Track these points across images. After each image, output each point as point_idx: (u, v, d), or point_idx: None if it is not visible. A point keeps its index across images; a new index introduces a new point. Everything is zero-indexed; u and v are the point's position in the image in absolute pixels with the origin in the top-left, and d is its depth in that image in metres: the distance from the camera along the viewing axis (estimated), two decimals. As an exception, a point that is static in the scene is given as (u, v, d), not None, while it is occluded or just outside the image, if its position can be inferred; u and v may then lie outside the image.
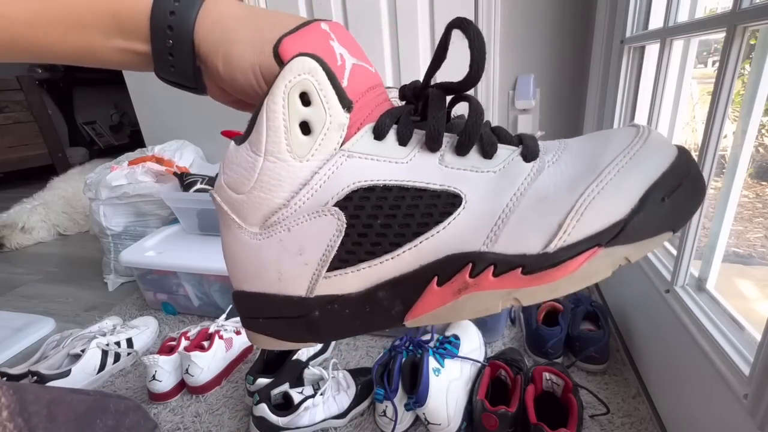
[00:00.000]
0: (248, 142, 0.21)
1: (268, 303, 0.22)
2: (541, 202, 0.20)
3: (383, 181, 0.20)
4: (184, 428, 0.76)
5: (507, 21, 1.14)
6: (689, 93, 0.76)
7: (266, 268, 0.22)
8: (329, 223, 0.21)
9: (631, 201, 0.19)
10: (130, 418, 0.45)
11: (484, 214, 0.20)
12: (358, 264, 0.21)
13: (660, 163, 0.20)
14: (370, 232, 0.21)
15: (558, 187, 0.20)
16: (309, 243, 0.21)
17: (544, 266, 0.20)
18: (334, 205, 0.20)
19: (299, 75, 0.19)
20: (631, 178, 0.20)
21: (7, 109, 2.48)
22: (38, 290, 1.37)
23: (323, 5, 1.23)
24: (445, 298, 0.21)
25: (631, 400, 0.73)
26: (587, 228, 0.20)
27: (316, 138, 0.20)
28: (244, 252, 0.22)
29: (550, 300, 0.90)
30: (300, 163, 0.20)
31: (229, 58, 0.24)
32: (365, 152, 0.21)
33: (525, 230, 0.20)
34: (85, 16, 0.24)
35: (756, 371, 0.44)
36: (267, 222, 0.21)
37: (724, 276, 0.61)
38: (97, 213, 1.25)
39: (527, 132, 1.14)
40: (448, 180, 0.21)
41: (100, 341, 0.90)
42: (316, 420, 0.71)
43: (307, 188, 0.20)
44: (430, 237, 0.21)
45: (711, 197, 0.59)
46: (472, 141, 0.22)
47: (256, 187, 0.21)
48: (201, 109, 1.50)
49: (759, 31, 0.51)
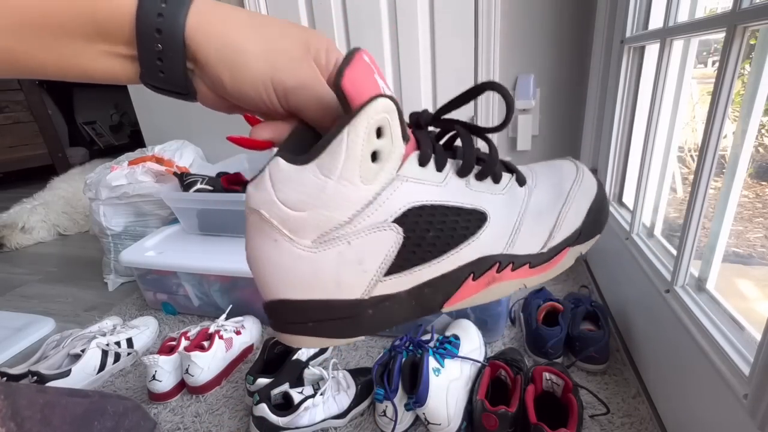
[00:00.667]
0: (316, 165, 0.22)
1: (321, 308, 0.25)
2: (537, 218, 0.29)
3: (431, 201, 0.25)
4: (184, 428, 0.76)
5: (507, 21, 1.14)
6: (689, 93, 0.76)
7: (322, 278, 0.24)
8: (389, 237, 0.24)
9: (582, 216, 0.30)
10: (129, 419, 0.45)
11: (503, 227, 0.28)
12: (411, 268, 0.25)
13: (592, 191, 0.31)
14: (423, 242, 0.25)
15: (544, 207, 0.29)
16: (369, 253, 0.24)
17: (542, 261, 0.29)
18: (393, 222, 0.24)
19: (379, 114, 0.22)
20: (582, 201, 0.30)
21: (8, 109, 2.48)
22: (38, 290, 1.37)
23: (323, 5, 1.23)
24: (479, 287, 0.28)
25: (631, 400, 0.73)
26: (563, 234, 0.29)
27: (383, 165, 0.24)
28: (295, 264, 0.24)
29: (547, 300, 0.90)
30: (366, 186, 0.23)
31: (239, 71, 0.23)
32: (415, 177, 0.25)
33: (530, 238, 0.28)
34: (62, 18, 0.22)
35: (756, 371, 0.44)
36: (324, 237, 0.24)
37: (724, 276, 0.61)
38: (97, 213, 1.25)
39: (527, 132, 1.15)
40: (475, 201, 0.27)
41: (100, 341, 0.90)
42: (316, 420, 0.71)
43: (370, 207, 0.24)
44: (468, 245, 0.26)
45: (711, 197, 0.59)
46: (490, 170, 0.28)
47: (321, 206, 0.23)
48: (201, 110, 1.49)
49: (759, 31, 0.51)
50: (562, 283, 1.11)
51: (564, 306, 0.87)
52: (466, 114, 1.24)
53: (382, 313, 0.25)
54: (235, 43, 0.23)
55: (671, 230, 0.84)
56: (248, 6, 1.27)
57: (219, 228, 1.17)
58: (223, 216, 1.13)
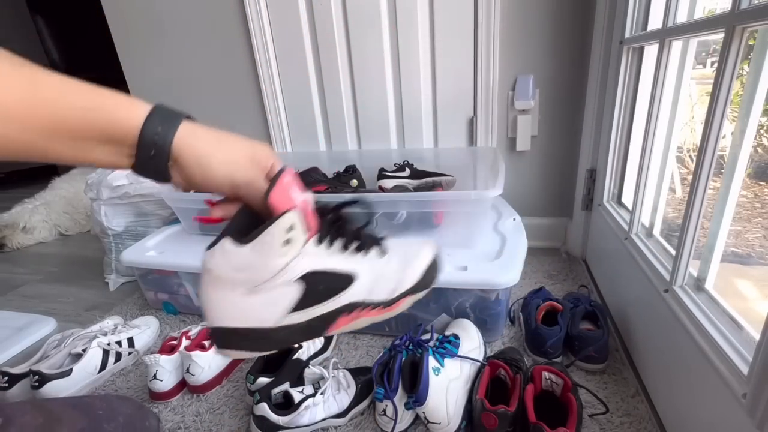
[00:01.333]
0: (251, 246, 0.35)
1: (247, 333, 0.37)
2: (389, 276, 0.42)
3: (321, 267, 0.38)
4: (185, 427, 0.77)
5: (507, 21, 1.15)
6: (688, 93, 0.76)
7: (250, 314, 0.37)
8: (294, 289, 0.37)
9: (419, 276, 0.44)
10: (139, 420, 0.45)
11: (367, 283, 0.41)
12: (307, 308, 0.38)
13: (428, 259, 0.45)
14: (315, 293, 0.38)
15: (394, 270, 0.43)
16: (280, 299, 0.37)
17: (389, 305, 0.43)
18: (296, 280, 0.37)
19: (290, 220, 0.35)
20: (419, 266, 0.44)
21: (8, 109, 2.48)
22: (39, 290, 1.37)
23: (323, 5, 1.23)
24: (349, 321, 0.41)
25: (630, 399, 0.73)
26: (405, 287, 0.43)
27: (292, 246, 0.36)
28: (233, 305, 0.36)
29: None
30: (281, 259, 0.36)
31: (207, 172, 0.35)
32: (312, 252, 0.38)
33: (383, 290, 0.42)
34: (85, 128, 0.31)
35: (754, 371, 0.44)
36: (253, 288, 0.36)
37: (723, 276, 0.61)
38: (98, 213, 1.26)
39: (526, 132, 1.14)
40: (350, 266, 0.40)
41: (101, 341, 0.91)
42: (317, 419, 0.71)
43: (282, 271, 0.36)
44: (343, 294, 0.40)
45: (710, 197, 0.59)
46: (363, 245, 0.41)
47: (251, 270, 0.36)
48: (202, 111, 1.50)
49: (757, 31, 0.51)
50: (562, 282, 1.11)
51: (563, 305, 0.87)
52: (466, 114, 1.25)
53: (286, 336, 0.38)
54: (205, 155, 0.35)
55: (670, 230, 0.84)
56: (248, 6, 1.28)
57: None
58: (223, 216, 1.13)
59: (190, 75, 1.48)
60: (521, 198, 1.31)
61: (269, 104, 1.40)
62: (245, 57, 1.38)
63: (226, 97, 1.46)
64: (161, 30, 1.44)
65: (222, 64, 1.42)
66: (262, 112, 1.43)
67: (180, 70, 1.48)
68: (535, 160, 1.28)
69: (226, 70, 1.42)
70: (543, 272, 1.18)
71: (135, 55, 1.52)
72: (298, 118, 1.41)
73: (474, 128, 1.26)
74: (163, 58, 1.48)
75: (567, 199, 1.28)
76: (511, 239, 0.96)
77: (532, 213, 1.32)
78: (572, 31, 1.12)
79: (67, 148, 0.31)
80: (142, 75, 1.54)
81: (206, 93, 1.48)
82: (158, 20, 1.43)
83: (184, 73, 1.48)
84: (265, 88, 1.38)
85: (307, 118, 1.39)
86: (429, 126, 1.31)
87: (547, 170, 1.28)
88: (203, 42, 1.41)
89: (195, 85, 1.48)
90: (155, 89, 1.54)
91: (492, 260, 0.88)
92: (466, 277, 0.84)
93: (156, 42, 1.46)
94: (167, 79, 1.51)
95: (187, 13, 1.38)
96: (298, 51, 1.31)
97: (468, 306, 0.89)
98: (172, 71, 1.49)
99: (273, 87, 1.37)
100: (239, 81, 1.42)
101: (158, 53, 1.48)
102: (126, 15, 1.46)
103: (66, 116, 0.30)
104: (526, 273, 1.16)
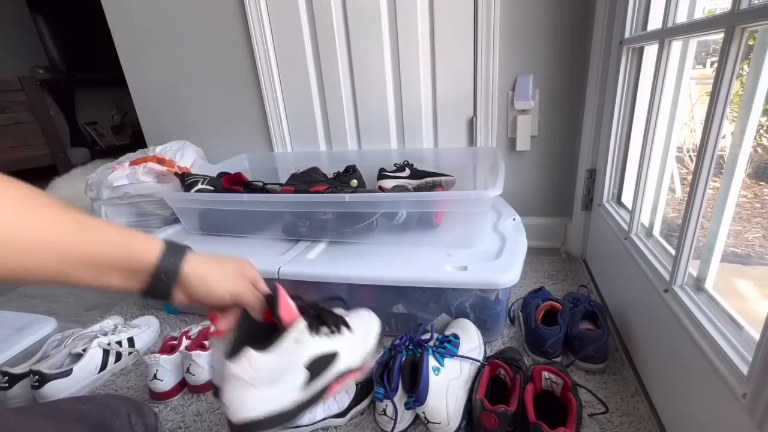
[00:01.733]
0: (274, 352, 0.44)
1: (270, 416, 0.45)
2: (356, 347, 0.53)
3: (318, 352, 0.48)
4: (185, 427, 0.77)
5: (507, 21, 1.15)
6: (688, 93, 0.77)
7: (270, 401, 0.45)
8: (302, 375, 0.47)
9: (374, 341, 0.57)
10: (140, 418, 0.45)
11: (347, 355, 0.51)
12: (311, 385, 0.48)
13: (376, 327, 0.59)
14: (316, 373, 0.48)
15: (361, 341, 0.54)
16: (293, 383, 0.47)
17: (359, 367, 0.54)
18: (304, 366, 0.47)
19: (299, 326, 0.46)
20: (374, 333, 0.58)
21: (9, 109, 2.49)
22: (40, 290, 1.37)
23: (323, 5, 1.23)
24: (339, 386, 0.51)
25: (629, 399, 0.73)
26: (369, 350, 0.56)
27: (301, 343, 0.47)
28: (256, 399, 0.44)
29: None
30: (296, 355, 0.46)
31: (210, 290, 0.44)
32: (310, 342, 0.48)
33: (356, 357, 0.53)
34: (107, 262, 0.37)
35: (754, 370, 0.44)
36: (271, 382, 0.45)
37: (723, 275, 0.61)
38: (98, 213, 1.26)
39: (526, 133, 1.14)
40: (333, 345, 0.50)
41: (102, 340, 0.91)
42: (317, 419, 0.71)
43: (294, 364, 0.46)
44: (333, 367, 0.50)
45: (710, 197, 0.60)
46: (337, 328, 0.52)
47: (275, 369, 0.45)
48: (202, 111, 1.50)
49: (757, 31, 0.52)
50: (561, 282, 1.11)
51: (563, 305, 0.87)
52: (465, 114, 1.25)
53: (299, 409, 0.47)
54: (208, 276, 0.44)
55: (670, 230, 0.85)
56: (248, 6, 1.28)
57: (220, 228, 1.17)
58: (224, 216, 1.14)
59: (190, 75, 1.48)
60: (521, 198, 1.31)
61: (269, 104, 1.40)
62: (245, 57, 1.38)
63: (226, 97, 1.46)
64: (161, 30, 1.44)
65: (222, 65, 1.42)
66: (262, 112, 1.43)
67: (180, 70, 1.48)
68: (535, 160, 1.28)
69: (226, 71, 1.42)
70: (543, 272, 1.18)
71: (135, 55, 1.52)
72: (298, 118, 1.41)
73: (474, 128, 1.26)
74: (163, 58, 1.48)
75: (567, 199, 1.28)
76: (511, 239, 0.96)
77: (532, 213, 1.32)
78: (572, 31, 1.12)
79: (89, 275, 0.36)
80: (142, 75, 1.54)
81: (206, 93, 1.48)
82: (158, 20, 1.43)
83: (184, 73, 1.48)
84: (265, 88, 1.38)
85: (307, 118, 1.39)
86: (429, 126, 1.31)
87: (547, 170, 1.28)
88: (203, 42, 1.41)
89: (195, 85, 1.48)
90: (155, 89, 1.55)
91: (492, 260, 0.88)
92: (466, 277, 0.84)
93: (156, 42, 1.46)
94: (167, 79, 1.51)
95: (187, 14, 1.39)
96: (298, 51, 1.31)
97: (468, 306, 0.90)
98: (172, 71, 1.49)
99: (273, 87, 1.37)
100: (239, 81, 1.42)
101: (158, 53, 1.48)
102: (126, 15, 1.46)
103: (96, 250, 0.36)
104: (526, 273, 1.17)
